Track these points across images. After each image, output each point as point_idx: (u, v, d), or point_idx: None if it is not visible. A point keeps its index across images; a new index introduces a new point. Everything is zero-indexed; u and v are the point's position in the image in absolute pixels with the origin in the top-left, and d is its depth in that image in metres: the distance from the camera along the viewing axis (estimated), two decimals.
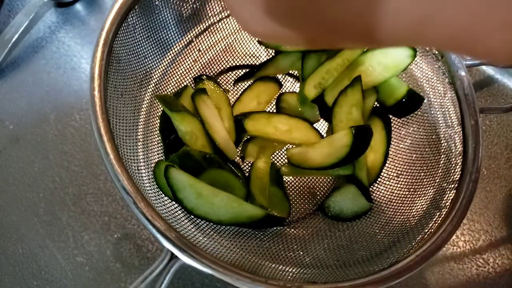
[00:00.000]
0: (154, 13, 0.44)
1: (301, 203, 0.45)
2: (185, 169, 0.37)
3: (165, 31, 0.47)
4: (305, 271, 0.38)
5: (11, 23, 0.53)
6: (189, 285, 0.44)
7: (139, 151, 0.42)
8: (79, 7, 0.57)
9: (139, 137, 0.43)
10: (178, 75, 0.48)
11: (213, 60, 0.50)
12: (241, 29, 0.51)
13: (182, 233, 0.34)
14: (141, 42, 0.44)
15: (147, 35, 0.44)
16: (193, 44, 0.50)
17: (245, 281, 0.31)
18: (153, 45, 0.46)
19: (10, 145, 0.49)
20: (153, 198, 0.38)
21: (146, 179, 0.39)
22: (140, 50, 0.44)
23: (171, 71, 0.48)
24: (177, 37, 0.48)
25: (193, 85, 0.48)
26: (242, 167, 0.46)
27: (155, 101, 0.45)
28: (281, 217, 0.42)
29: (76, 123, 0.50)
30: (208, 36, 0.51)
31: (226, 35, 0.51)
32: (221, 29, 0.51)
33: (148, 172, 0.40)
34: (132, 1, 0.39)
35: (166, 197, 0.39)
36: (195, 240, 0.36)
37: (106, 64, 0.37)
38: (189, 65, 0.49)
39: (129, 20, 0.40)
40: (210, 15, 0.50)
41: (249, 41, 0.52)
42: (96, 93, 0.35)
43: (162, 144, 0.44)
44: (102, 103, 0.35)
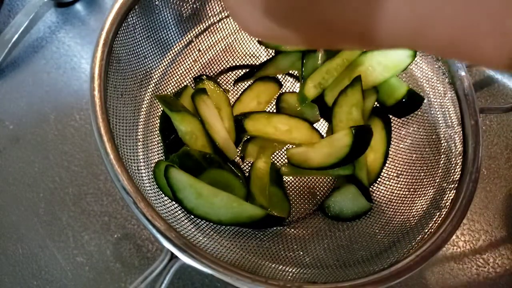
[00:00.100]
0: (154, 13, 0.44)
1: (301, 203, 0.45)
2: (185, 169, 0.37)
3: (165, 31, 0.47)
4: (305, 271, 0.38)
5: (11, 23, 0.53)
6: (189, 285, 0.44)
7: (139, 151, 0.42)
8: (79, 7, 0.57)
9: (139, 137, 0.43)
10: (178, 75, 0.48)
11: (213, 60, 0.50)
12: (241, 29, 0.51)
13: (182, 233, 0.34)
14: (141, 42, 0.44)
15: (147, 35, 0.44)
16: (193, 44, 0.50)
17: (245, 281, 0.31)
18: (153, 45, 0.46)
19: (10, 145, 0.49)
20: (153, 198, 0.38)
21: (146, 179, 0.39)
22: (140, 50, 0.44)
23: (171, 71, 0.48)
24: (177, 37, 0.48)
25: (193, 85, 0.48)
26: (242, 167, 0.46)
27: (155, 101, 0.45)
28: (281, 217, 0.42)
29: (76, 123, 0.50)
30: (208, 36, 0.51)
31: (226, 35, 0.51)
32: (221, 29, 0.51)
33: (148, 172, 0.40)
34: (132, 1, 0.39)
35: (166, 197, 0.39)
36: (195, 240, 0.36)
37: (106, 64, 0.37)
38: (189, 65, 0.49)
39: (129, 20, 0.40)
40: (210, 15, 0.50)
41: (249, 41, 0.52)
42: (96, 93, 0.35)
43: (162, 144, 0.44)
44: (102, 103, 0.35)
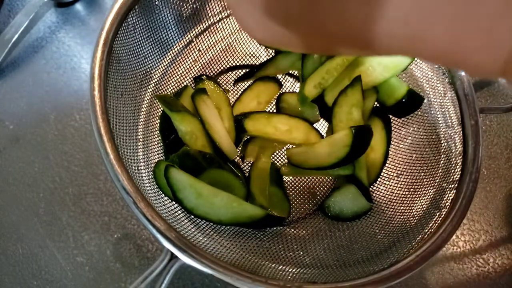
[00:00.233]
0: (154, 13, 0.44)
1: (301, 203, 0.45)
2: (185, 169, 0.37)
3: (165, 31, 0.47)
4: (305, 271, 0.38)
5: (11, 23, 0.53)
6: (189, 285, 0.44)
7: (139, 151, 0.42)
8: (79, 7, 0.57)
9: (139, 137, 0.43)
10: (178, 75, 0.48)
11: (213, 60, 0.50)
12: (241, 29, 0.51)
13: (182, 233, 0.34)
14: (141, 42, 0.44)
15: (147, 35, 0.44)
16: (193, 44, 0.50)
17: (245, 281, 0.31)
18: (153, 45, 0.46)
19: (10, 145, 0.49)
20: (153, 198, 0.38)
21: (146, 179, 0.39)
22: (140, 50, 0.44)
23: (171, 71, 0.48)
24: (177, 37, 0.48)
25: (193, 85, 0.48)
26: (242, 167, 0.46)
27: (155, 101, 0.45)
28: (281, 217, 0.42)
29: (76, 123, 0.50)
30: (208, 36, 0.51)
31: (226, 35, 0.51)
32: (221, 29, 0.51)
33: (148, 172, 0.40)
34: (132, 1, 0.39)
35: (166, 197, 0.39)
36: (195, 240, 0.36)
37: (106, 64, 0.37)
38: (189, 65, 0.49)
39: (129, 20, 0.40)
40: (210, 15, 0.50)
41: (249, 41, 0.52)
42: (96, 93, 0.35)
43: (162, 144, 0.44)
44: (102, 103, 0.35)
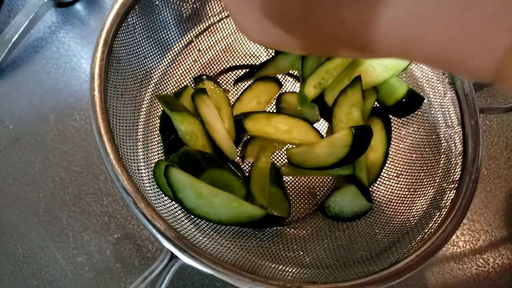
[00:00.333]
0: (154, 13, 0.44)
1: (301, 203, 0.45)
2: (185, 169, 0.37)
3: (165, 31, 0.47)
4: (305, 271, 0.38)
5: (11, 23, 0.53)
6: (189, 285, 0.44)
7: (139, 151, 0.42)
8: (79, 7, 0.57)
9: (139, 137, 0.43)
10: (178, 75, 0.48)
11: (213, 60, 0.50)
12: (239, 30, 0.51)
13: (182, 233, 0.34)
14: (141, 42, 0.44)
15: (147, 35, 0.44)
16: (193, 44, 0.50)
17: (245, 281, 0.31)
18: (153, 45, 0.46)
19: (10, 145, 0.49)
20: (153, 198, 0.38)
21: (146, 179, 0.39)
22: (140, 50, 0.44)
23: (171, 71, 0.48)
24: (177, 37, 0.48)
25: (193, 85, 0.48)
26: (242, 167, 0.46)
27: (155, 101, 0.45)
28: (281, 217, 0.42)
29: (76, 123, 0.50)
30: (208, 36, 0.51)
31: (226, 35, 0.51)
32: (221, 29, 0.51)
33: (148, 172, 0.40)
34: (132, 1, 0.39)
35: (166, 197, 0.39)
36: (195, 240, 0.36)
37: (106, 64, 0.37)
38: (189, 65, 0.49)
39: (129, 20, 0.40)
40: (210, 15, 0.50)
41: (249, 41, 0.52)
42: (96, 93, 0.35)
43: (162, 144, 0.44)
44: (102, 103, 0.35)
